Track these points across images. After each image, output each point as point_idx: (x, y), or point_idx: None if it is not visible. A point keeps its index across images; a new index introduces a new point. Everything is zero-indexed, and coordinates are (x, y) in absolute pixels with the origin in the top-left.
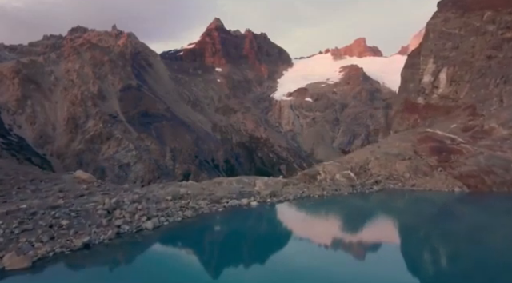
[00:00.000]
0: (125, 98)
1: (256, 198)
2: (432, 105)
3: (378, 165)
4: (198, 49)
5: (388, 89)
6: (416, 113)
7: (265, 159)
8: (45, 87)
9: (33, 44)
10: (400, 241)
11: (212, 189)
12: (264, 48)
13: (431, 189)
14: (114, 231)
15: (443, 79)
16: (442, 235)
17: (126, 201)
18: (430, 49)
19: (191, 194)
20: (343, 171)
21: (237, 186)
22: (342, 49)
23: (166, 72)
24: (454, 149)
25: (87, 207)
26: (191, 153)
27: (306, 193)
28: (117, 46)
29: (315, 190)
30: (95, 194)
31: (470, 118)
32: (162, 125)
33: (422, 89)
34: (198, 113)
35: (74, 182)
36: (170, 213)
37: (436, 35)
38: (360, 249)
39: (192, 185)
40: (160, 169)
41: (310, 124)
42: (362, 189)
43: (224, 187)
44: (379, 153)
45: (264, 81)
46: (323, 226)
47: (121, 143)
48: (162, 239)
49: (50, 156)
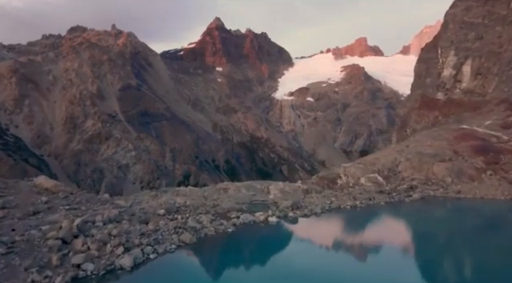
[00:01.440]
0: (124, 98)
1: (274, 211)
2: (455, 101)
3: (411, 167)
4: (198, 49)
5: (390, 88)
6: (436, 109)
7: (266, 159)
8: (43, 86)
9: (32, 43)
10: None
11: (216, 197)
12: (265, 47)
13: (483, 197)
14: (69, 275)
15: (467, 72)
16: None
17: (99, 220)
18: (450, 40)
19: (190, 206)
20: (369, 174)
21: (246, 194)
22: (343, 48)
23: (166, 71)
24: (502, 149)
25: (32, 235)
26: (191, 153)
27: (335, 204)
28: (116, 46)
29: (345, 200)
30: (57, 210)
31: (509, 114)
32: (161, 125)
33: (442, 84)
34: (199, 113)
35: (32, 192)
36: (161, 238)
37: (456, 25)
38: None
39: (192, 192)
40: (160, 169)
41: (311, 124)
42: (399, 196)
43: (231, 195)
44: (410, 153)
45: (265, 81)
46: (382, 257)
47: (120, 143)
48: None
49: (47, 156)
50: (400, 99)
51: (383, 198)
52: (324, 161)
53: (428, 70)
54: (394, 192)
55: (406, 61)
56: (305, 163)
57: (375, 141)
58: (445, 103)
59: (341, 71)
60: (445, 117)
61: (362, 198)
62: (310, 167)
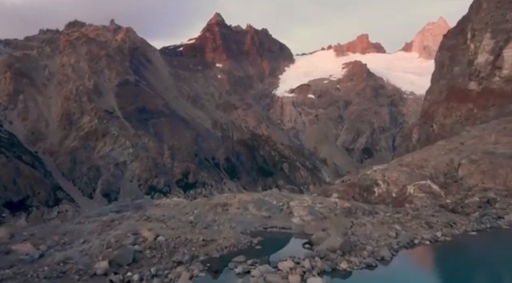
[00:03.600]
0: (122, 94)
1: (312, 260)
2: (494, 91)
3: (479, 172)
4: (198, 45)
5: (392, 86)
6: (469, 101)
7: (267, 157)
8: (38, 82)
9: (29, 38)
10: None
11: (211, 221)
12: (265, 44)
13: None
14: None
15: (509, 57)
16: None
17: None
18: (485, 21)
19: (163, 245)
20: (419, 181)
21: (257, 215)
22: (344, 45)
23: (165, 68)
24: None
25: None
26: (190, 151)
27: (404, 236)
28: (115, 41)
29: (415, 228)
30: None
31: None
32: (160, 121)
33: (476, 72)
34: (198, 110)
35: None
36: None
37: (492, 5)
38: None
39: (174, 210)
40: (158, 167)
41: (312, 121)
42: (489, 221)
43: (234, 217)
44: (475, 153)
45: (265, 78)
46: None
47: (117, 140)
48: None
49: (42, 153)
50: (403, 96)
51: (467, 224)
52: (326, 159)
53: (454, 58)
54: (461, 207)
55: (409, 59)
56: (306, 161)
57: (378, 139)
58: (480, 94)
59: (342, 68)
60: (482, 110)
61: (440, 225)
62: (312, 165)
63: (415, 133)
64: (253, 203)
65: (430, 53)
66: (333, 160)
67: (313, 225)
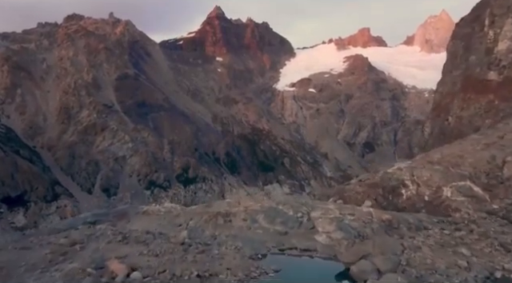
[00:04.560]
0: (121, 88)
1: None
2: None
3: None
4: (198, 39)
5: (394, 79)
6: (489, 92)
7: (267, 152)
8: (36, 75)
9: (27, 32)
10: None
11: (209, 235)
12: (266, 37)
13: None
14: None
15: None
16: None
17: None
18: (507, 6)
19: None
20: (457, 182)
21: (269, 229)
22: (345, 39)
23: (165, 61)
24: None
25: None
26: (190, 145)
27: (478, 267)
28: (113, 34)
29: (488, 253)
30: None
31: None
32: (159, 116)
33: (496, 61)
34: (198, 104)
35: None
36: None
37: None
38: None
39: (166, 217)
40: (157, 162)
41: (313, 115)
42: None
43: (239, 233)
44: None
45: (266, 72)
46: None
47: (116, 135)
48: None
49: (40, 148)
50: (404, 90)
51: None
52: (327, 154)
53: (469, 47)
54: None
55: (410, 52)
56: (307, 156)
57: (379, 133)
58: (501, 84)
59: (343, 62)
60: (504, 102)
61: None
62: (313, 160)
63: (427, 127)
64: (263, 213)
65: (431, 46)
66: (334, 154)
67: (346, 247)
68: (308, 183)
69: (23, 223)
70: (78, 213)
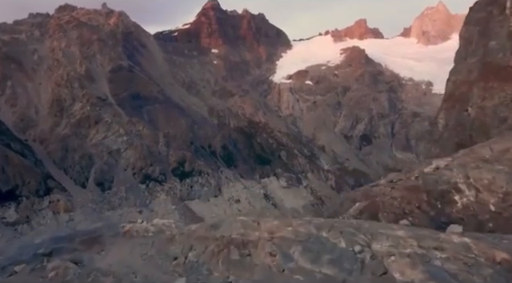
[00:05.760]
0: (115, 80)
1: None
2: None
3: None
4: (193, 30)
5: (391, 71)
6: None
7: (264, 145)
8: (27, 67)
9: (18, 22)
10: None
11: (222, 282)
12: (262, 29)
13: None
14: None
15: None
16: None
17: None
18: None
19: None
20: None
21: (313, 273)
22: (342, 30)
23: (159, 53)
24: None
25: None
26: (186, 138)
27: None
28: (107, 25)
29: None
30: None
31: None
32: (154, 108)
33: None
34: (194, 97)
35: None
36: None
37: None
38: None
39: (154, 241)
40: (153, 155)
41: (310, 108)
42: None
43: (264, 278)
44: None
45: (262, 63)
46: None
47: (110, 128)
48: None
49: (32, 141)
50: (401, 82)
51: None
52: (324, 147)
53: (487, 32)
54: None
55: (407, 44)
56: (304, 148)
57: (376, 125)
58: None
59: (340, 54)
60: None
61: None
62: (310, 153)
63: (441, 119)
64: (300, 245)
65: (428, 38)
66: (331, 147)
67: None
68: (305, 176)
69: (15, 218)
70: (71, 208)
